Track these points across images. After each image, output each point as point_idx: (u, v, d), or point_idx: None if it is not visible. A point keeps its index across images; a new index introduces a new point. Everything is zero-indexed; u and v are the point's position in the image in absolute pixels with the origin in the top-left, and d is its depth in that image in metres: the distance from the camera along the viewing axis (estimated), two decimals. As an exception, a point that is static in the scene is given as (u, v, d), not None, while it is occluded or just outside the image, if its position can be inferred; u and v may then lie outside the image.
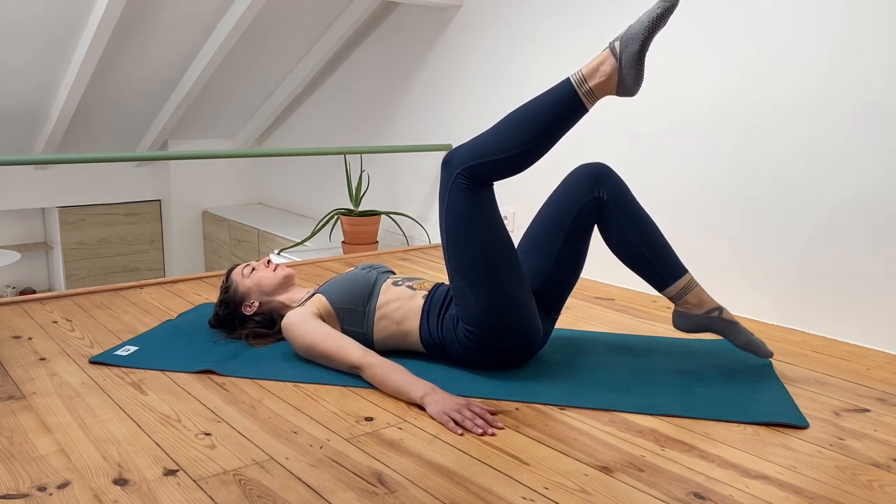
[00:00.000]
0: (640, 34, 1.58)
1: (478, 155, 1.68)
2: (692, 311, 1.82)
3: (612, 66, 1.61)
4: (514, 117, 1.69)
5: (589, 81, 1.62)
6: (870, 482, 1.31)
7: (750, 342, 1.80)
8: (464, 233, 1.69)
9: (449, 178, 1.70)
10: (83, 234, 4.82)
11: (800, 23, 2.16)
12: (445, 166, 1.72)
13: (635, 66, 1.59)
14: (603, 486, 1.27)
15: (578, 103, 1.63)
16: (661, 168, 2.58)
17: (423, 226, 3.68)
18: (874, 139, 2.02)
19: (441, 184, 1.73)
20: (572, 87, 1.63)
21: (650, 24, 1.57)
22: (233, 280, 2.01)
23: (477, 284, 1.69)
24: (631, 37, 1.59)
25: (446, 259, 1.75)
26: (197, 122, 4.60)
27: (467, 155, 1.69)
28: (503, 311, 1.70)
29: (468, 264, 1.70)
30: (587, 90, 1.62)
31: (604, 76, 1.61)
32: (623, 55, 1.59)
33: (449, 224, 1.72)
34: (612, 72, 1.61)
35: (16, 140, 4.09)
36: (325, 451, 1.39)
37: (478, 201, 1.69)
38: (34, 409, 1.55)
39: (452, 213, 1.70)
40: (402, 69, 3.73)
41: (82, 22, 3.19)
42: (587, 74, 1.62)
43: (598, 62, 1.62)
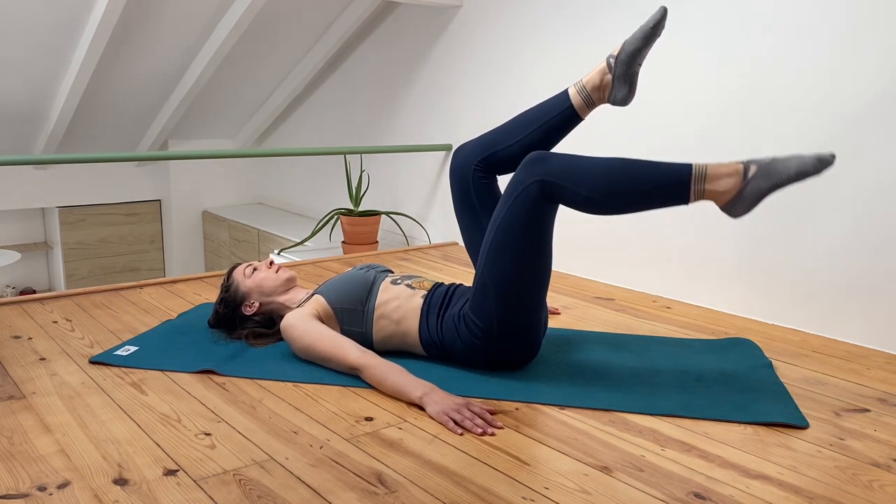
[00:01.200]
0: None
1: (568, 179, 1.60)
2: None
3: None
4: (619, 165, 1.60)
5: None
6: (870, 482, 1.31)
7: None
8: (514, 239, 1.65)
9: (526, 180, 1.63)
10: (83, 234, 4.82)
11: (800, 24, 2.16)
12: (531, 166, 1.63)
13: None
14: (603, 486, 1.27)
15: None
16: (661, 168, 2.57)
17: (423, 226, 3.68)
18: (874, 139, 2.02)
19: (515, 179, 1.65)
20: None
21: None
22: (234, 279, 2.01)
23: (502, 289, 1.68)
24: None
25: (482, 252, 1.71)
26: (197, 122, 4.60)
27: (559, 171, 1.61)
28: (514, 321, 1.71)
29: (504, 269, 1.67)
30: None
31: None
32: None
33: (504, 223, 1.66)
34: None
35: (16, 140, 4.09)
36: (325, 451, 1.39)
37: (542, 216, 1.65)
38: (34, 409, 1.55)
39: (512, 214, 1.65)
40: (402, 69, 3.73)
41: (82, 22, 3.19)
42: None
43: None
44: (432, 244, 3.46)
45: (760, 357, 1.91)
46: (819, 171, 1.51)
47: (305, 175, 4.66)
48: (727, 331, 2.16)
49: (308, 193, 4.67)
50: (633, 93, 1.78)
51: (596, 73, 1.81)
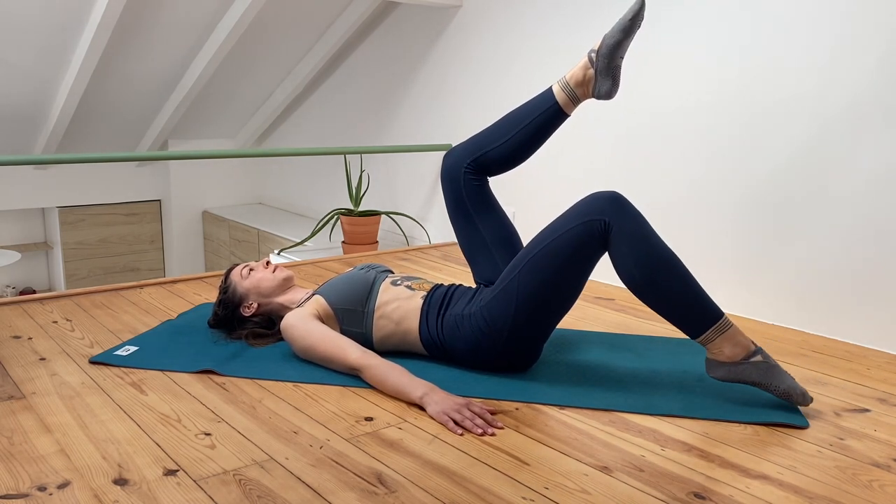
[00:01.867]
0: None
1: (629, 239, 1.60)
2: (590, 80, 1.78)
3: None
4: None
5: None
6: (870, 482, 1.31)
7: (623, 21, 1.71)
8: (559, 264, 1.65)
9: (600, 215, 1.61)
10: (83, 234, 4.81)
11: (799, 22, 2.16)
12: (612, 204, 1.62)
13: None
14: (603, 486, 1.27)
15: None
16: (659, 168, 2.58)
17: (423, 226, 3.68)
18: (874, 139, 2.02)
19: (590, 206, 1.64)
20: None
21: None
22: (231, 281, 2.01)
23: (527, 302, 1.68)
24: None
25: (522, 257, 1.70)
26: (197, 122, 4.60)
27: (630, 229, 1.60)
28: (527, 333, 1.72)
29: (536, 286, 1.67)
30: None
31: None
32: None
33: (556, 244, 1.65)
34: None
35: (16, 140, 4.09)
36: (325, 451, 1.39)
37: (592, 255, 1.65)
38: (34, 409, 1.55)
39: (567, 240, 1.64)
40: (402, 69, 3.73)
41: (82, 22, 3.20)
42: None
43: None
44: (432, 244, 3.46)
45: (760, 357, 1.91)
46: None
47: (305, 175, 4.66)
48: (727, 331, 2.16)
49: (308, 193, 4.67)
50: (617, 86, 1.78)
51: (578, 68, 1.80)
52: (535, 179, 2.99)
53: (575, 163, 2.88)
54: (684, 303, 1.59)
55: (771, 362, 1.58)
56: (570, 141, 2.88)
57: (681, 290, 1.59)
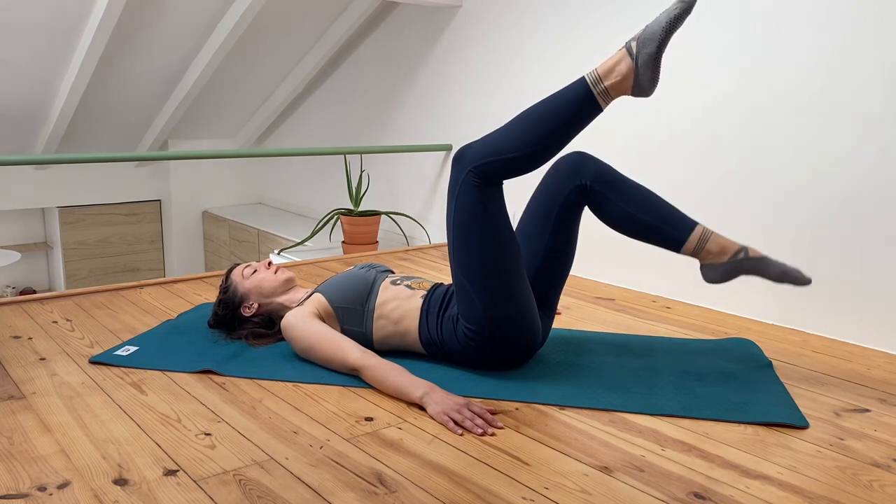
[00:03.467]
0: (657, 35, 1.56)
1: (490, 153, 1.66)
2: (717, 260, 1.74)
3: (628, 66, 1.59)
4: (529, 116, 1.67)
5: (604, 81, 1.61)
6: (870, 482, 1.30)
7: (785, 273, 1.69)
8: (471, 231, 1.69)
9: (459, 175, 1.69)
10: (83, 234, 4.81)
11: (801, 26, 2.16)
12: (456, 163, 1.70)
13: (652, 66, 1.58)
14: (603, 486, 1.27)
15: (594, 103, 1.62)
16: (664, 170, 2.58)
17: (423, 226, 3.68)
18: (874, 140, 2.02)
19: (451, 180, 1.71)
20: (587, 87, 1.62)
21: (668, 25, 1.55)
22: (232, 281, 2.01)
23: (480, 284, 1.69)
24: (648, 37, 1.57)
25: (451, 256, 1.75)
26: (197, 122, 4.60)
27: (479, 152, 1.67)
28: (503, 311, 1.69)
29: (472, 263, 1.69)
30: (602, 90, 1.61)
31: (619, 76, 1.60)
32: (640, 56, 1.58)
33: (456, 221, 1.70)
34: (629, 72, 1.59)
35: (16, 140, 4.09)
36: (325, 451, 1.39)
37: (487, 200, 1.68)
38: (34, 409, 1.55)
39: (460, 210, 1.69)
40: (402, 69, 3.73)
41: (82, 22, 3.20)
42: (602, 74, 1.61)
43: (614, 62, 1.61)
44: (432, 244, 3.46)
45: (760, 357, 1.91)
46: (688, 9, 1.56)
47: (305, 175, 4.66)
48: (727, 331, 2.16)
49: (308, 193, 4.67)
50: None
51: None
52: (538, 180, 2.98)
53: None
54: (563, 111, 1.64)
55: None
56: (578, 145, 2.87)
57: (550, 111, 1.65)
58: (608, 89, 1.61)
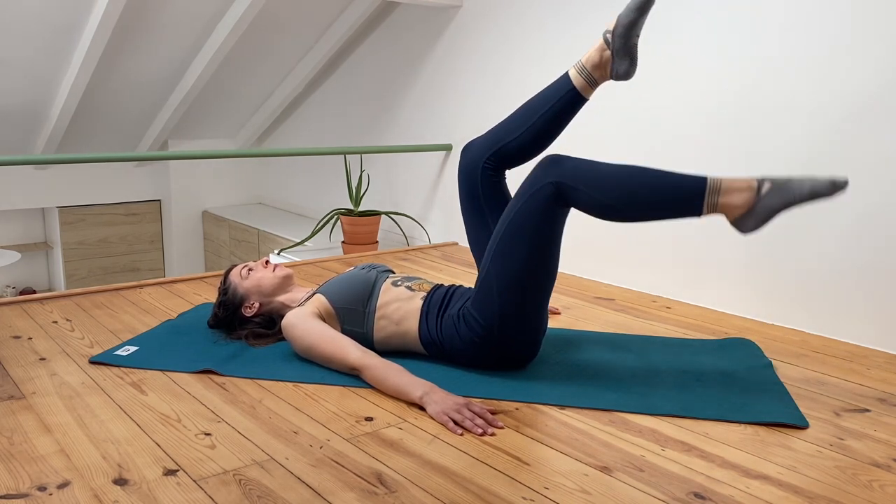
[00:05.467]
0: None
1: (580, 181, 1.59)
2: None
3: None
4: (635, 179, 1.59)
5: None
6: (870, 482, 1.31)
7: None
8: (523, 237, 1.65)
9: (541, 180, 1.62)
10: (83, 234, 4.81)
11: (800, 22, 2.16)
12: (545, 167, 1.62)
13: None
14: (603, 486, 1.27)
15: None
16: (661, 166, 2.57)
17: (423, 226, 3.68)
18: (874, 140, 2.02)
19: (530, 178, 1.64)
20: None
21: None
22: (231, 281, 2.01)
23: (507, 287, 1.68)
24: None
25: (490, 246, 1.70)
26: (197, 122, 4.60)
27: (573, 173, 1.60)
28: (516, 320, 1.71)
29: (510, 269, 1.67)
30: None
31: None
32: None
33: (514, 220, 1.65)
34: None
35: (16, 140, 4.09)
36: (325, 451, 1.39)
37: (552, 217, 1.65)
38: (34, 409, 1.55)
39: (523, 213, 1.64)
40: (402, 69, 3.73)
41: (82, 22, 3.19)
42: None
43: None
44: (432, 244, 3.46)
45: (760, 357, 1.91)
46: (832, 194, 1.51)
47: (305, 175, 4.66)
48: (727, 331, 2.16)
49: (308, 193, 4.67)
50: (635, 65, 1.74)
51: (594, 50, 1.77)
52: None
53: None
54: (667, 192, 1.57)
55: (782, 179, 1.53)
56: (572, 141, 2.87)
57: (654, 184, 1.58)
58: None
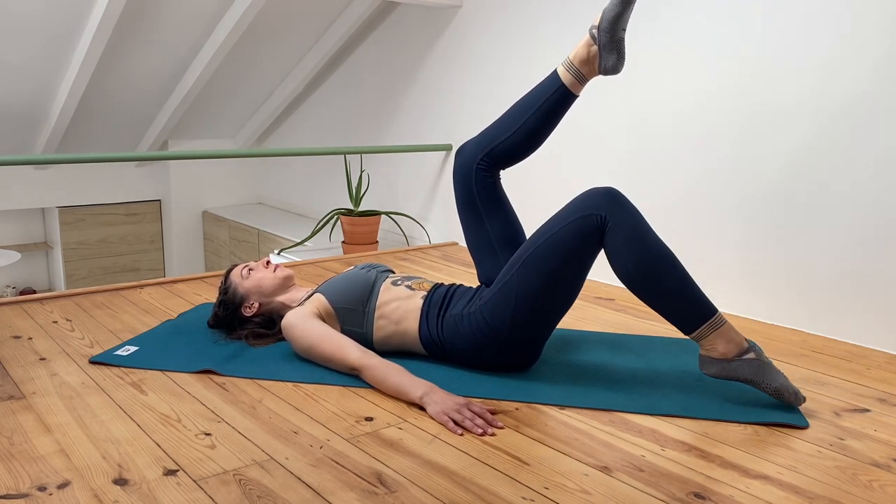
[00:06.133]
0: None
1: (628, 239, 1.60)
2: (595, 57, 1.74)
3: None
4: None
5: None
6: (870, 482, 1.31)
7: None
8: (557, 259, 1.65)
9: (599, 210, 1.62)
10: (83, 234, 4.81)
11: (799, 22, 2.16)
12: (613, 203, 1.62)
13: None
14: (603, 486, 1.27)
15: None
16: (661, 167, 2.58)
17: (423, 226, 3.68)
18: (874, 140, 2.02)
19: (585, 201, 1.65)
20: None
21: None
22: (232, 281, 2.01)
23: (527, 299, 1.68)
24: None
25: (519, 255, 1.70)
26: (197, 122, 4.60)
27: (628, 222, 1.61)
28: (527, 333, 1.72)
29: (535, 283, 1.67)
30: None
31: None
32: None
33: (554, 239, 1.65)
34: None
35: (16, 140, 4.09)
36: (325, 451, 1.39)
37: (588, 247, 1.65)
38: (34, 409, 1.55)
39: (563, 233, 1.64)
40: (402, 69, 3.73)
41: (82, 22, 3.19)
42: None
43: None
44: (432, 244, 3.46)
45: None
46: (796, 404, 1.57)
47: (305, 175, 4.66)
48: (727, 331, 2.16)
49: (308, 193, 4.67)
50: (623, 59, 1.75)
51: (581, 46, 1.77)
52: (537, 180, 2.98)
53: (577, 163, 2.88)
54: (679, 299, 1.60)
55: (764, 360, 1.58)
56: (572, 141, 2.88)
57: (676, 285, 1.60)
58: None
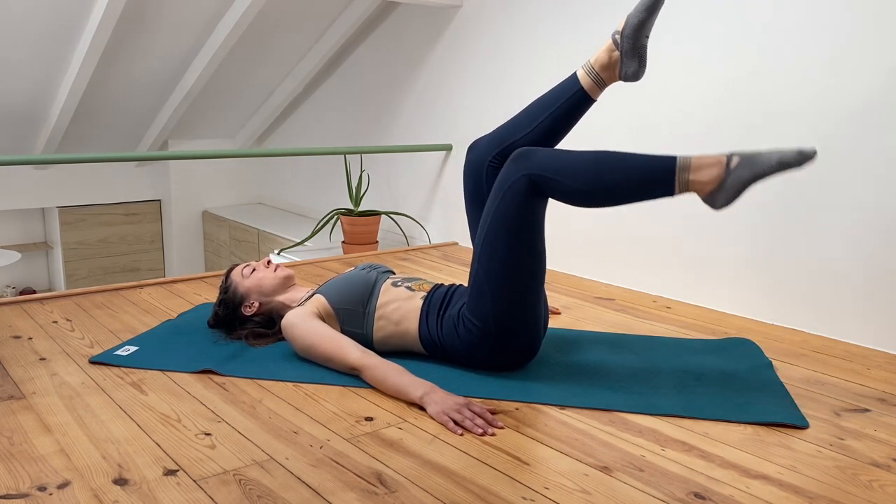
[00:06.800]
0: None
1: (552, 171, 1.61)
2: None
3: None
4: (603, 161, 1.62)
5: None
6: (870, 482, 1.31)
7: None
8: (507, 233, 1.66)
9: (514, 175, 1.64)
10: (83, 234, 4.81)
11: (800, 24, 2.16)
12: (515, 161, 1.65)
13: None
14: (603, 486, 1.27)
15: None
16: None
17: (423, 226, 3.68)
18: (874, 140, 2.02)
19: (503, 175, 1.67)
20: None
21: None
22: (232, 280, 2.01)
23: (498, 285, 1.68)
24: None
25: (477, 248, 1.72)
26: (197, 122, 4.60)
27: (542, 164, 1.62)
28: (512, 318, 1.71)
29: (498, 263, 1.68)
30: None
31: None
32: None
33: (495, 218, 1.67)
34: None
35: (16, 140, 4.09)
36: (325, 451, 1.39)
37: (532, 209, 1.66)
38: (34, 409, 1.55)
39: (503, 209, 1.66)
40: (403, 69, 3.73)
41: (82, 22, 3.19)
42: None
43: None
44: (432, 244, 3.46)
45: (760, 357, 1.91)
46: (800, 164, 1.52)
47: (305, 175, 4.66)
48: (727, 331, 2.16)
49: (308, 193, 4.67)
50: (644, 66, 1.73)
51: (603, 51, 1.75)
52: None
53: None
54: (639, 173, 1.59)
55: (751, 152, 1.54)
56: (573, 142, 2.88)
57: (626, 166, 1.60)
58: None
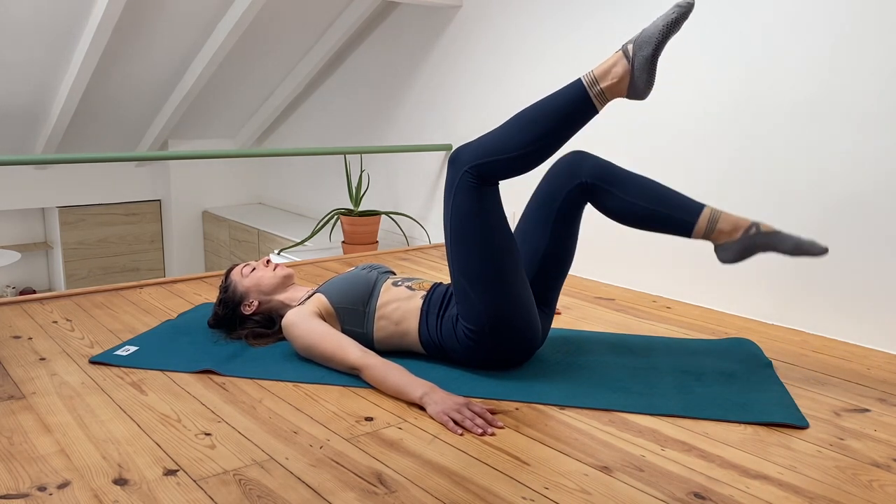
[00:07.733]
0: (653, 38, 1.58)
1: (486, 153, 1.67)
2: (730, 239, 1.69)
3: (624, 68, 1.61)
4: (524, 116, 1.68)
5: (601, 83, 1.63)
6: (870, 482, 1.31)
7: (799, 246, 1.63)
8: (468, 231, 1.69)
9: (455, 176, 1.70)
10: (83, 234, 4.81)
11: (801, 25, 2.16)
12: (452, 164, 1.71)
13: (647, 69, 1.60)
14: (603, 486, 1.27)
15: (589, 104, 1.64)
16: (664, 170, 2.58)
17: (423, 226, 3.68)
18: (875, 141, 2.02)
19: (447, 181, 1.72)
20: (584, 88, 1.63)
21: (665, 29, 1.57)
22: (232, 280, 2.01)
23: (479, 283, 1.69)
24: (644, 40, 1.59)
25: (449, 257, 1.75)
26: (197, 122, 4.60)
27: (475, 153, 1.68)
28: (504, 310, 1.70)
29: (471, 263, 1.70)
30: (598, 91, 1.63)
31: (616, 78, 1.62)
32: (636, 58, 1.60)
33: (453, 222, 1.71)
34: (625, 74, 1.61)
35: (16, 140, 4.09)
36: (325, 451, 1.39)
37: (484, 200, 1.69)
38: (34, 409, 1.55)
39: (457, 211, 1.70)
40: (402, 69, 3.73)
41: (82, 22, 3.20)
42: (599, 76, 1.63)
43: (610, 64, 1.62)
44: (432, 244, 3.46)
45: (760, 357, 1.91)
46: (685, 14, 1.56)
47: (305, 175, 4.66)
48: (727, 331, 2.16)
49: (308, 193, 4.67)
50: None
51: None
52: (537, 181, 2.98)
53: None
54: (560, 111, 1.65)
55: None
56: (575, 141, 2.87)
57: (547, 112, 1.66)
58: (604, 91, 1.63)
